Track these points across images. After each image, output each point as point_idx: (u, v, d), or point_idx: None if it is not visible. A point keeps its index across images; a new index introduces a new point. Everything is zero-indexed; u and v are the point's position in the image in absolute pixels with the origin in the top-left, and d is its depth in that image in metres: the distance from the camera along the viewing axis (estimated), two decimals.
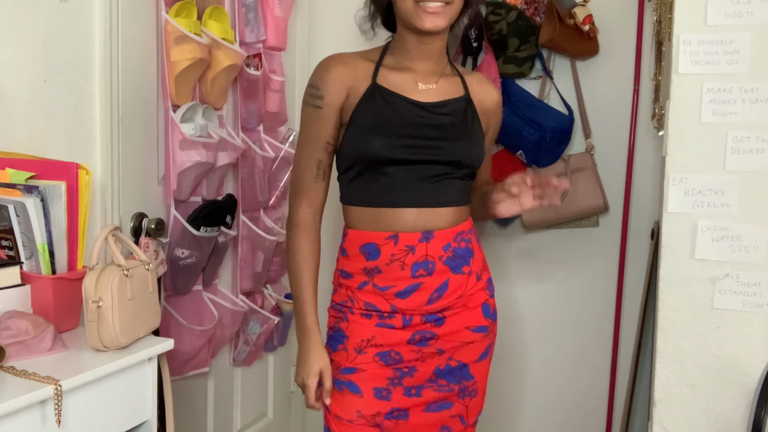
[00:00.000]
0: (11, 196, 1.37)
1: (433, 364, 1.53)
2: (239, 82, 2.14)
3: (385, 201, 1.49)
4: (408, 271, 1.48)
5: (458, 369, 1.55)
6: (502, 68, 2.34)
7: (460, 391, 1.57)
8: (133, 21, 1.74)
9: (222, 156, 1.97)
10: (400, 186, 1.48)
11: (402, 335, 1.50)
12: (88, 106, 1.66)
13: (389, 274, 1.49)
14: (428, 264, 1.48)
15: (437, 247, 1.49)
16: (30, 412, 1.13)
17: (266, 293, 2.42)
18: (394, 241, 1.48)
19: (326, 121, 1.50)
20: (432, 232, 1.49)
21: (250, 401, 2.45)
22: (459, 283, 1.52)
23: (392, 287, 1.49)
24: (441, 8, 1.42)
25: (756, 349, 1.54)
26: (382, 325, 1.50)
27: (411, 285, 1.49)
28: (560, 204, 1.60)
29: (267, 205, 2.35)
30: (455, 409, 1.57)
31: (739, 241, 1.54)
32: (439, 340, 1.52)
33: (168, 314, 1.91)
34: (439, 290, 1.50)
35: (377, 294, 1.50)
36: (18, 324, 1.26)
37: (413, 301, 1.49)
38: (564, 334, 2.52)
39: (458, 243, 1.53)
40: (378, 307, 1.51)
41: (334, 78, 1.49)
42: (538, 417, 2.58)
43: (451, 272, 1.51)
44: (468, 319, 1.54)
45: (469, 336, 1.55)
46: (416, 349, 1.51)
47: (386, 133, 1.46)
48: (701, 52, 1.54)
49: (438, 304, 1.50)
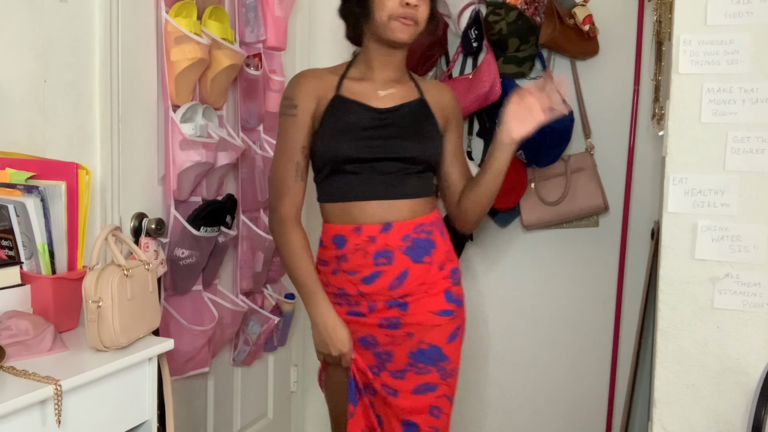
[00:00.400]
0: (11, 196, 1.37)
1: (406, 348, 1.68)
2: (239, 82, 2.14)
3: (349, 196, 1.67)
4: (370, 259, 1.65)
5: (430, 351, 1.68)
6: (502, 68, 2.34)
7: (440, 373, 1.69)
8: (133, 21, 1.74)
9: (222, 156, 1.97)
10: (362, 182, 1.66)
11: (371, 320, 1.67)
12: (88, 106, 1.66)
13: (354, 261, 1.66)
14: (388, 253, 1.65)
15: (396, 237, 1.65)
16: (30, 412, 1.13)
17: (266, 293, 2.42)
18: (358, 232, 1.66)
19: (301, 127, 1.68)
20: (391, 224, 1.65)
21: (250, 401, 2.45)
22: (420, 272, 1.66)
23: (358, 273, 1.66)
24: (412, 23, 1.63)
25: (756, 349, 1.54)
26: (352, 314, 1.69)
27: (374, 272, 1.65)
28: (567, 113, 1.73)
29: (267, 205, 2.35)
30: (441, 390, 1.70)
31: (739, 241, 1.54)
32: (407, 324, 1.67)
33: (168, 314, 1.91)
34: (399, 278, 1.65)
35: (347, 278, 1.67)
36: (18, 324, 1.26)
37: (376, 286, 1.65)
38: (564, 334, 2.52)
39: (418, 234, 1.67)
40: (347, 291, 1.68)
41: (304, 90, 1.69)
42: (538, 417, 2.58)
43: (411, 262, 1.66)
44: (430, 304, 1.68)
45: (434, 319, 1.68)
46: (388, 332, 1.67)
47: (348, 136, 1.65)
48: (701, 52, 1.54)
49: (399, 290, 1.65)
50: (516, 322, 2.57)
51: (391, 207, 1.66)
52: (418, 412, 1.69)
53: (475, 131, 2.51)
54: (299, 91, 1.70)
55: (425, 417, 1.69)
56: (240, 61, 2.00)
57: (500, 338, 2.59)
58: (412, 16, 1.62)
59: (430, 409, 1.69)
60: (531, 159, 2.35)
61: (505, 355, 2.59)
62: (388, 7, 1.61)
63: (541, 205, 2.39)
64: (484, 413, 2.65)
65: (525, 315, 2.56)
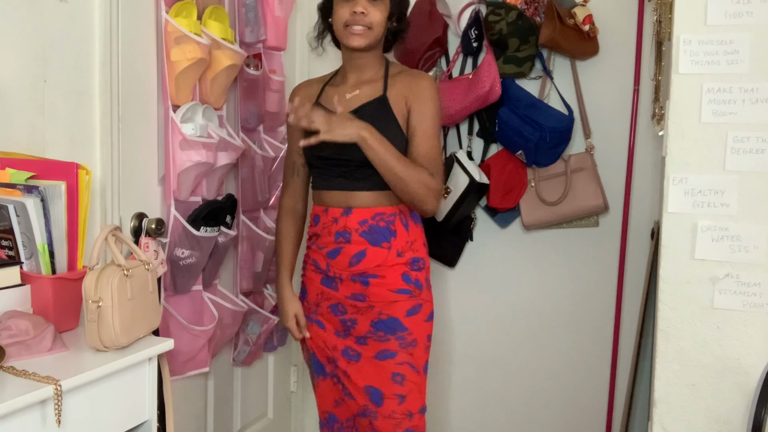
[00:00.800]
0: (11, 196, 1.37)
1: (368, 318, 1.88)
2: (239, 82, 2.14)
3: (321, 185, 1.93)
4: (332, 237, 1.89)
5: (389, 321, 1.86)
6: (502, 68, 2.34)
7: (399, 342, 1.85)
8: (133, 21, 1.74)
9: (222, 156, 1.97)
10: (329, 176, 1.90)
11: (341, 292, 1.90)
12: (88, 106, 1.66)
13: (323, 238, 1.92)
14: (346, 233, 1.87)
15: (354, 221, 1.87)
16: (30, 412, 1.13)
17: (266, 293, 2.42)
18: (326, 213, 1.91)
19: (294, 132, 1.96)
20: (351, 209, 1.87)
21: (250, 401, 2.45)
22: (377, 255, 1.86)
23: (325, 247, 1.91)
24: (363, 31, 1.82)
25: (756, 349, 1.54)
26: (324, 283, 1.92)
27: (335, 248, 1.89)
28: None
29: (267, 205, 2.35)
30: (400, 357, 1.85)
31: (739, 241, 1.54)
32: (369, 298, 1.87)
33: (168, 314, 1.91)
34: (357, 256, 1.87)
35: (318, 252, 1.94)
36: (18, 324, 1.26)
37: (338, 262, 1.89)
38: (564, 334, 2.52)
39: (376, 221, 1.87)
40: (319, 264, 1.93)
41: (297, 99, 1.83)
42: (538, 417, 2.58)
43: (368, 244, 1.86)
44: (389, 284, 1.86)
45: (392, 296, 1.86)
46: (354, 304, 1.89)
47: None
48: (701, 52, 1.54)
49: (358, 267, 1.87)
50: (516, 322, 2.57)
51: (352, 196, 1.87)
52: (380, 378, 1.85)
53: (475, 131, 2.51)
54: (292, 100, 1.86)
55: (388, 383, 1.84)
56: (240, 61, 2.00)
57: (500, 338, 2.59)
58: (363, 22, 1.81)
59: (392, 375, 1.84)
60: (531, 159, 2.35)
61: (505, 355, 2.59)
62: (340, 18, 1.83)
63: (541, 205, 2.39)
64: (484, 413, 2.65)
65: (525, 315, 2.56)
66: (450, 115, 2.41)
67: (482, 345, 2.62)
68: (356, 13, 1.79)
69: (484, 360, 2.62)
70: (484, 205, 2.51)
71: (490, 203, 2.45)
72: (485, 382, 2.63)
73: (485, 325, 2.61)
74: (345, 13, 1.81)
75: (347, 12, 1.80)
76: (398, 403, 1.83)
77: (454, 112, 2.40)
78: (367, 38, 1.82)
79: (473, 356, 2.63)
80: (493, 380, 2.62)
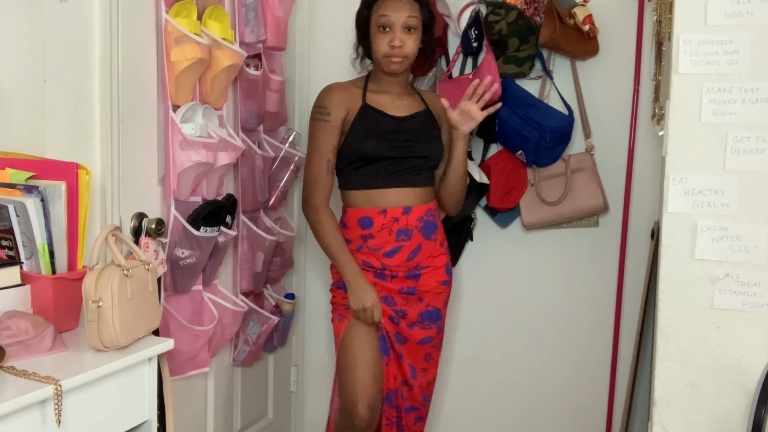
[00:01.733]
0: (11, 196, 1.37)
1: (417, 309, 2.09)
2: (239, 82, 2.14)
3: (375, 184, 2.04)
4: (393, 236, 2.03)
5: (434, 312, 2.12)
6: (502, 68, 2.34)
7: (437, 328, 2.13)
8: (133, 21, 1.74)
9: (222, 156, 1.97)
10: (386, 174, 2.03)
11: (394, 286, 2.06)
12: (88, 106, 1.66)
13: (380, 238, 2.03)
14: (408, 231, 2.04)
15: (414, 218, 2.04)
16: (30, 412, 1.13)
17: (266, 293, 2.42)
18: (384, 214, 2.03)
19: (333, 130, 2.03)
20: (411, 207, 2.04)
21: (250, 401, 2.45)
22: (429, 247, 2.08)
23: (381, 249, 2.04)
24: (401, 60, 2.00)
25: (756, 349, 1.54)
26: (378, 277, 2.06)
27: (395, 247, 2.04)
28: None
29: (267, 205, 2.35)
30: (435, 341, 2.15)
31: (739, 241, 1.54)
32: (419, 291, 2.08)
33: (168, 314, 1.91)
34: (415, 251, 2.05)
35: (370, 254, 2.05)
36: (18, 324, 1.26)
37: (397, 259, 2.04)
38: (564, 334, 2.52)
39: (428, 216, 2.08)
40: (372, 264, 2.05)
41: (336, 100, 2.04)
42: (538, 417, 2.58)
43: (423, 238, 2.06)
44: (437, 275, 2.10)
45: (438, 288, 2.11)
46: (405, 297, 2.08)
47: (376, 138, 2.02)
48: (701, 52, 1.54)
49: (414, 261, 2.06)
50: (516, 322, 2.57)
51: (408, 194, 2.04)
52: (418, 358, 2.12)
53: (474, 131, 2.51)
54: (331, 100, 2.04)
55: (420, 360, 2.13)
56: (240, 61, 2.00)
57: (500, 338, 2.59)
58: (400, 54, 1.98)
59: (425, 355, 2.14)
60: (531, 159, 2.35)
61: (505, 355, 2.59)
62: (380, 49, 1.99)
63: (541, 205, 2.39)
64: (484, 413, 2.65)
65: (525, 315, 2.56)
66: None
67: (482, 345, 2.62)
68: (393, 47, 1.96)
69: (484, 360, 2.62)
70: (484, 205, 2.51)
71: (490, 203, 2.45)
72: (485, 381, 2.63)
73: (485, 325, 2.61)
74: (384, 45, 1.98)
75: (386, 44, 1.98)
76: (424, 375, 2.14)
77: None
78: (404, 65, 2.02)
79: (473, 356, 2.63)
80: (493, 380, 2.62)
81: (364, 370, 2.01)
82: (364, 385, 2.00)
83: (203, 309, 2.04)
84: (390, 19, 1.96)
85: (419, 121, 2.08)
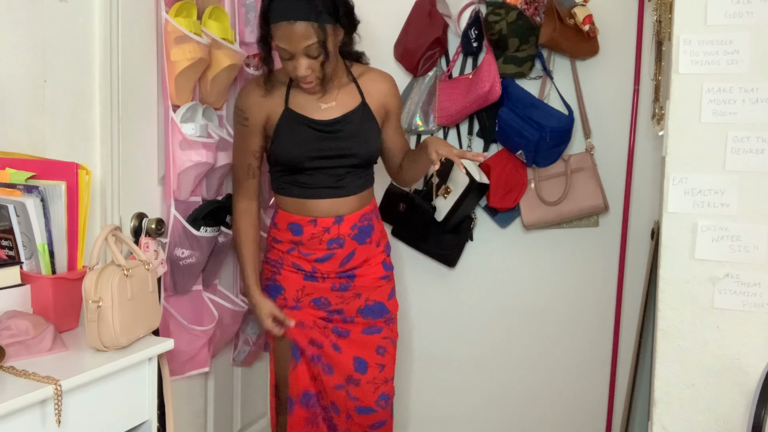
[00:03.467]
0: (11, 196, 1.37)
1: (355, 306, 2.00)
2: (239, 82, 2.14)
3: (305, 194, 1.93)
4: (324, 245, 1.94)
5: (375, 306, 2.02)
6: (502, 68, 2.34)
7: (384, 319, 2.04)
8: (133, 21, 1.74)
9: (222, 156, 1.97)
10: (316, 183, 1.92)
11: (326, 285, 1.97)
12: (88, 106, 1.66)
13: (310, 246, 1.95)
14: (340, 240, 1.95)
15: (346, 227, 1.95)
16: (30, 412, 1.13)
17: None
18: (314, 224, 1.93)
19: (252, 135, 1.93)
20: (342, 217, 1.94)
21: (250, 401, 2.45)
22: (363, 251, 1.99)
23: (312, 254, 1.95)
24: (314, 81, 1.84)
25: (756, 349, 1.54)
26: (308, 278, 1.97)
27: (327, 254, 1.95)
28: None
29: (267, 205, 2.35)
30: (385, 333, 2.04)
31: (739, 241, 1.54)
32: (354, 287, 1.99)
33: (168, 314, 1.91)
34: (348, 257, 1.97)
35: (301, 258, 1.96)
36: (18, 324, 1.26)
37: (329, 265, 1.96)
38: (564, 334, 2.52)
39: (362, 222, 1.98)
40: (302, 267, 1.97)
41: (254, 104, 1.91)
42: (538, 417, 2.58)
43: (357, 244, 1.97)
44: (373, 273, 2.01)
45: (377, 282, 2.02)
46: (339, 294, 1.98)
47: (299, 147, 1.89)
48: (701, 52, 1.54)
49: (348, 266, 1.97)
50: (516, 322, 2.57)
51: (340, 204, 1.94)
52: (367, 349, 2.01)
53: (475, 131, 2.51)
54: (249, 104, 1.91)
55: (372, 354, 2.02)
56: (240, 61, 2.00)
57: (500, 338, 2.59)
58: (311, 79, 1.82)
59: (377, 348, 2.03)
60: (531, 159, 2.35)
61: (505, 354, 2.59)
62: (289, 72, 1.84)
63: (541, 205, 2.39)
64: (484, 413, 2.65)
65: (525, 315, 2.56)
66: (450, 115, 2.41)
67: (482, 345, 2.62)
68: (298, 76, 1.81)
69: (484, 360, 2.62)
70: (484, 205, 2.51)
71: (490, 203, 2.44)
72: (485, 381, 2.63)
73: (485, 325, 2.61)
74: (291, 69, 1.81)
75: (292, 69, 1.80)
76: (379, 371, 2.03)
77: (454, 112, 2.40)
78: (318, 84, 1.86)
79: (473, 356, 2.63)
80: (493, 380, 2.62)
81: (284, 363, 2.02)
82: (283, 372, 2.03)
83: (203, 309, 2.04)
84: (287, 52, 1.77)
85: (350, 122, 1.92)
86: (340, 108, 1.93)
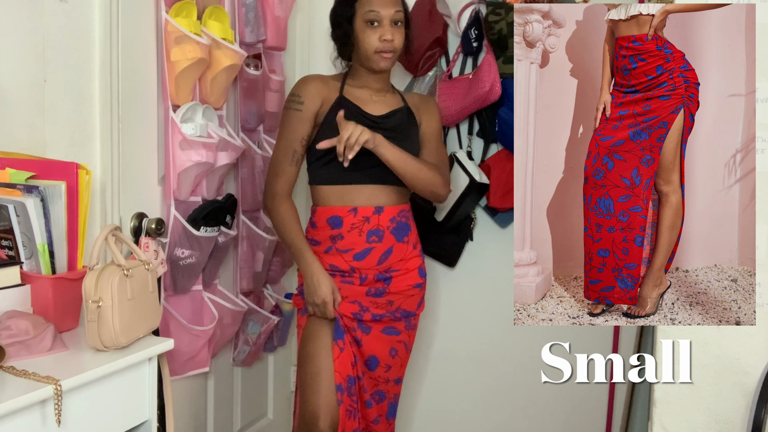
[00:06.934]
0: (11, 196, 1.37)
1: (384, 310, 2.01)
2: (239, 82, 2.14)
3: (347, 180, 1.95)
4: (364, 237, 1.96)
5: (404, 313, 2.04)
6: (502, 68, 2.34)
7: (405, 324, 2.06)
8: (133, 21, 1.74)
9: (222, 156, 1.97)
10: (358, 168, 1.93)
11: (361, 289, 1.98)
12: (88, 106, 1.66)
13: (349, 239, 1.96)
14: (379, 231, 1.96)
15: (386, 218, 1.97)
16: (30, 412, 1.13)
17: (266, 293, 2.42)
18: (354, 213, 1.96)
19: (304, 121, 1.97)
20: (383, 207, 1.97)
21: (250, 401, 2.45)
22: (401, 250, 2.00)
23: (351, 250, 1.96)
24: (391, 56, 1.96)
25: (756, 349, 1.54)
26: (344, 282, 1.98)
27: (365, 248, 1.96)
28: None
29: None
30: (401, 337, 2.06)
31: None
32: (389, 294, 2.00)
33: (168, 314, 1.91)
34: (386, 254, 1.97)
35: (339, 255, 1.97)
36: (18, 324, 1.26)
37: (367, 261, 1.96)
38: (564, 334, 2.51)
39: (401, 218, 2.01)
40: (340, 267, 1.97)
41: (312, 90, 1.98)
42: (537, 417, 2.58)
43: (395, 240, 1.99)
44: (409, 279, 2.02)
45: (411, 291, 2.04)
46: (373, 299, 1.99)
47: None
48: None
49: (385, 264, 1.98)
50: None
51: (381, 192, 1.97)
52: (380, 349, 2.02)
53: (475, 131, 2.51)
54: (307, 90, 1.98)
55: (385, 354, 2.03)
56: (240, 61, 2.00)
57: (500, 338, 2.59)
58: (390, 48, 1.94)
59: (390, 349, 2.04)
60: None
61: (505, 354, 2.59)
62: (370, 44, 1.93)
63: None
64: (483, 413, 2.65)
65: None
66: (450, 115, 2.41)
67: (482, 345, 2.62)
68: (385, 41, 1.92)
69: (484, 359, 2.62)
70: (484, 205, 2.51)
71: (490, 203, 2.44)
72: (485, 381, 2.63)
73: (485, 325, 2.61)
74: (374, 40, 1.93)
75: (376, 39, 1.93)
76: (385, 370, 2.04)
77: (454, 112, 2.40)
78: (393, 61, 1.98)
79: (473, 356, 2.63)
80: (493, 380, 2.62)
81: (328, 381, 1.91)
82: (326, 399, 1.90)
83: (203, 309, 2.04)
84: (379, 15, 1.92)
85: (397, 119, 2.03)
86: (388, 105, 2.04)
